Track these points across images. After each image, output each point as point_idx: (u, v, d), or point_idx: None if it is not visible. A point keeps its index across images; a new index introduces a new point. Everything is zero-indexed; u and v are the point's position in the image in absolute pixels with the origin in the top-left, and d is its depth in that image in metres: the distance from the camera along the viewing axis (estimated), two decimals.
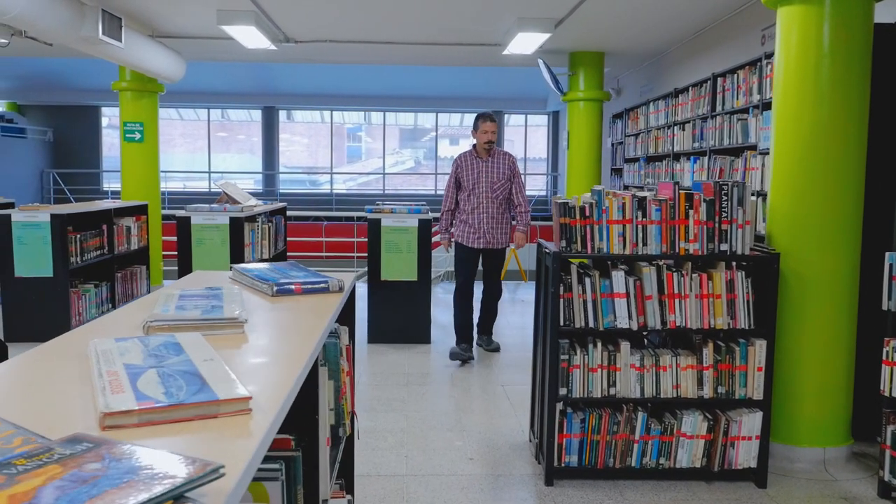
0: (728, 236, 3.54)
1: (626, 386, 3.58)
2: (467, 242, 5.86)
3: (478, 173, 5.80)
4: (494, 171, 5.81)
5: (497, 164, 5.83)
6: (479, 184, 5.79)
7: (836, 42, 3.73)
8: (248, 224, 6.52)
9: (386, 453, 4.03)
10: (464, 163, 5.86)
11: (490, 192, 5.79)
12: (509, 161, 5.90)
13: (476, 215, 5.82)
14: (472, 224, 5.84)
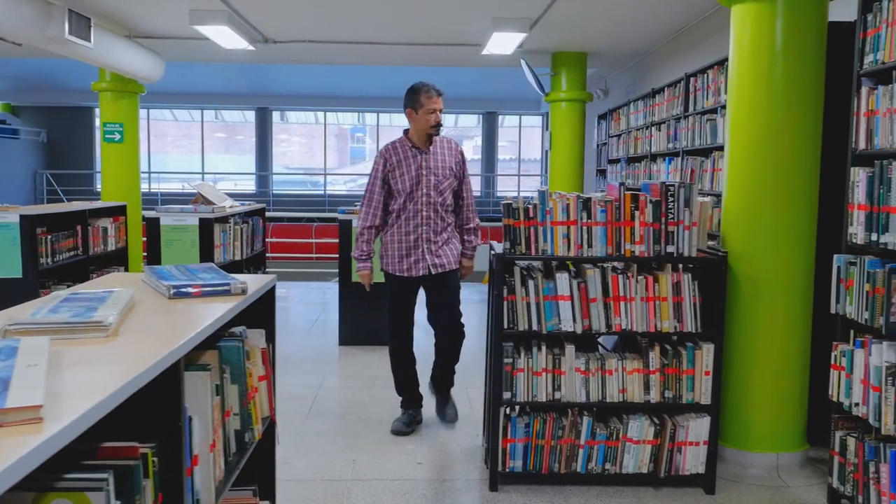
0: (675, 238, 3.48)
1: (571, 390, 3.52)
2: (402, 271, 4.16)
3: (416, 171, 4.10)
4: (439, 166, 4.13)
5: (442, 156, 4.17)
6: (419, 185, 4.10)
7: (790, 40, 3.67)
8: (219, 225, 6.48)
9: (334, 457, 3.98)
10: (395, 157, 4.13)
11: (434, 197, 4.12)
12: (456, 152, 4.25)
13: (414, 230, 4.12)
14: (407, 244, 4.13)
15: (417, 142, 4.17)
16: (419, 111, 4.10)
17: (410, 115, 4.16)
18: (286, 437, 4.24)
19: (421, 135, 4.15)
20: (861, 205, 3.21)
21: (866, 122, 3.21)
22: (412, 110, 4.14)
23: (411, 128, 4.19)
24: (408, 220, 4.14)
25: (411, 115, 4.16)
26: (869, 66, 3.21)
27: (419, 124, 4.12)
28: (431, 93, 4.10)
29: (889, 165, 3.00)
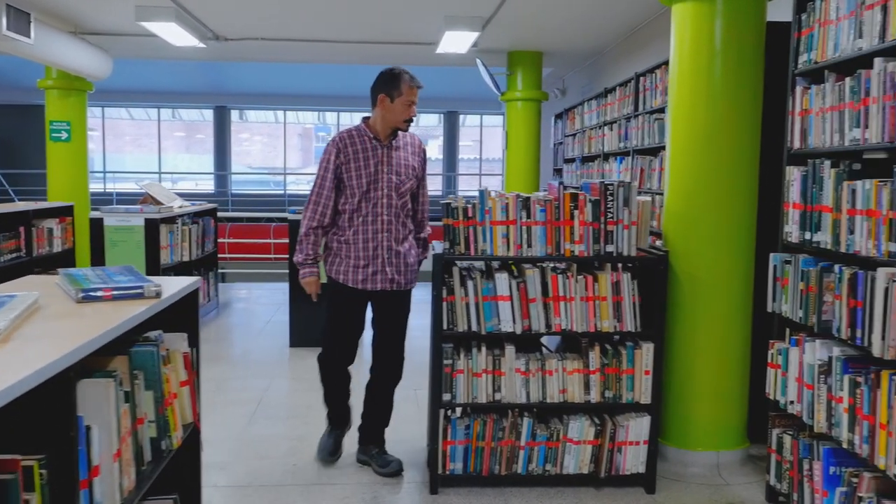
0: (614, 237, 3.46)
1: (511, 391, 3.50)
2: (357, 283, 3.61)
3: (375, 167, 3.56)
4: (402, 164, 3.63)
5: (405, 153, 3.67)
6: (378, 184, 3.57)
7: (729, 40, 3.68)
8: (165, 226, 6.37)
9: (274, 462, 3.91)
10: (351, 147, 3.57)
11: (395, 199, 3.60)
12: (420, 150, 3.78)
13: (374, 237, 3.58)
14: (365, 252, 3.59)
15: (381, 133, 3.60)
16: (396, 100, 3.54)
17: (383, 101, 3.55)
18: (228, 442, 4.16)
19: (388, 127, 3.59)
20: (796, 203, 3.23)
21: (801, 122, 3.22)
22: (387, 97, 3.54)
23: (378, 117, 3.59)
24: (365, 224, 3.57)
25: (383, 103, 3.55)
26: (803, 65, 3.22)
27: (392, 115, 3.56)
28: (415, 82, 3.58)
29: (821, 165, 3.01)
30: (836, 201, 2.90)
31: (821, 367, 2.97)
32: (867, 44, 2.74)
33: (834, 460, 2.95)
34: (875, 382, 2.64)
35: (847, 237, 2.82)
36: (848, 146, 2.84)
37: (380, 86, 3.59)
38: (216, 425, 4.42)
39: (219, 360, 5.99)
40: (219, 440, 4.18)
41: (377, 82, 3.61)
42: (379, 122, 3.61)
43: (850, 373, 2.79)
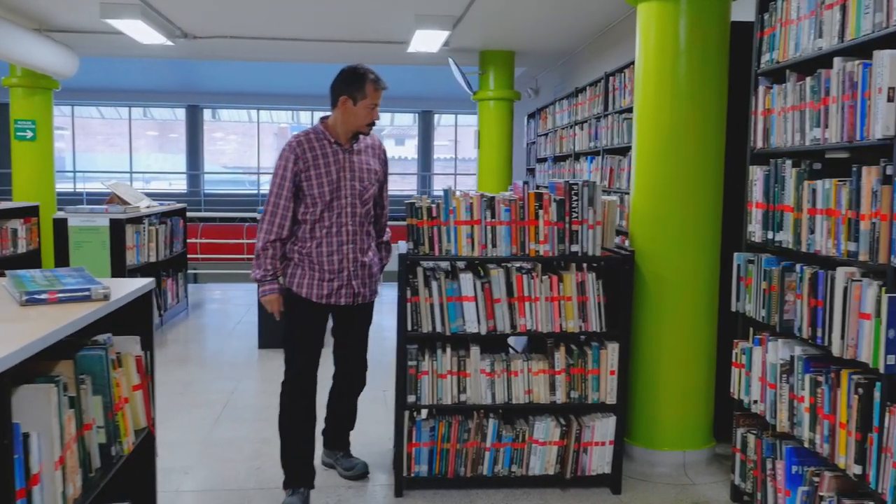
0: (579, 237, 3.45)
1: (476, 392, 3.47)
2: (321, 297, 3.36)
3: (338, 173, 3.30)
4: (364, 169, 3.37)
5: (366, 157, 3.41)
6: (342, 192, 3.30)
7: (693, 39, 3.67)
8: (131, 226, 6.28)
9: (238, 465, 3.85)
10: (311, 153, 3.29)
11: (359, 207, 3.35)
12: (380, 150, 3.52)
13: (338, 249, 3.33)
14: (330, 266, 3.33)
15: (341, 137, 3.33)
16: (359, 102, 3.26)
17: (345, 104, 3.27)
18: (191, 446, 4.10)
19: (349, 130, 3.32)
20: (759, 203, 3.23)
21: (763, 121, 3.23)
22: (349, 99, 3.26)
23: (338, 119, 3.31)
24: (329, 235, 3.31)
25: (345, 105, 3.27)
26: (765, 65, 3.23)
27: (354, 118, 3.29)
28: (380, 84, 3.32)
29: (783, 164, 3.01)
30: (797, 201, 2.90)
31: (783, 366, 2.97)
32: (827, 43, 2.74)
33: (796, 459, 2.95)
34: (835, 382, 2.64)
35: (808, 237, 2.82)
36: (809, 146, 2.84)
37: (341, 86, 3.30)
38: (181, 428, 4.36)
39: (186, 362, 5.92)
40: (182, 443, 4.12)
41: (339, 82, 3.32)
42: (339, 124, 3.33)
43: (811, 372, 2.80)
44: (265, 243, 3.32)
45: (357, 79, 3.30)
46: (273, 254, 3.33)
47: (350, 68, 3.36)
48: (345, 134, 3.34)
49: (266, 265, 3.34)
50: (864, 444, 2.48)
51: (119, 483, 2.43)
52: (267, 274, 3.35)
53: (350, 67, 3.36)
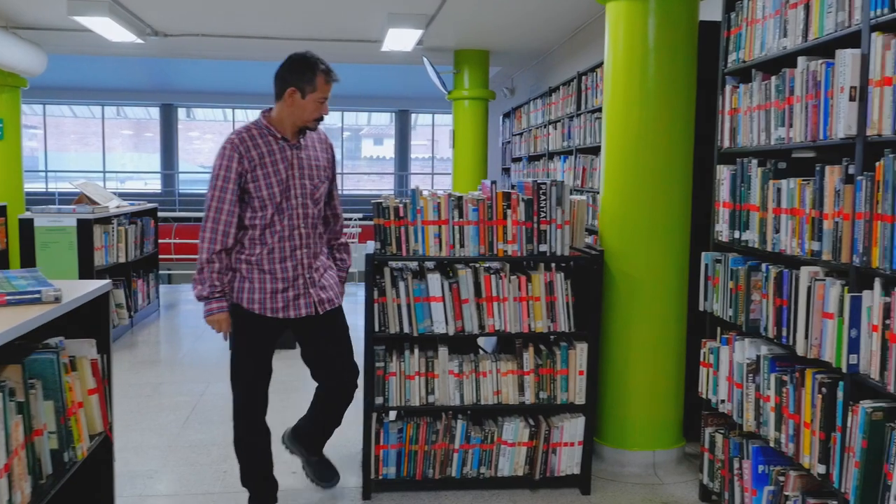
0: (547, 237, 3.43)
1: (444, 393, 3.44)
2: (276, 311, 3.08)
3: (286, 172, 3.02)
4: (313, 166, 3.11)
5: (314, 152, 3.15)
6: (291, 192, 3.03)
7: (661, 38, 3.67)
8: (100, 226, 6.19)
9: (204, 469, 3.80)
10: (255, 150, 2.98)
11: (311, 208, 3.09)
12: (328, 145, 3.27)
13: (291, 255, 3.06)
14: (283, 274, 3.06)
15: (287, 132, 3.03)
16: (307, 95, 2.97)
17: (292, 96, 2.97)
18: (158, 450, 4.04)
19: (294, 125, 3.03)
20: (726, 202, 3.23)
21: (730, 121, 3.23)
22: (296, 91, 2.96)
23: (284, 112, 3.01)
24: (281, 240, 3.02)
25: (292, 97, 2.97)
26: (732, 64, 3.23)
27: (300, 112, 3.00)
28: (331, 76, 3.02)
29: (749, 164, 3.01)
30: (762, 200, 2.90)
31: (749, 365, 2.97)
32: (791, 43, 2.74)
33: (762, 459, 2.95)
34: (799, 381, 2.64)
35: (773, 236, 2.82)
36: (774, 145, 2.84)
37: (289, 76, 2.99)
38: (147, 431, 4.30)
39: (156, 364, 5.84)
40: (149, 447, 4.06)
41: (286, 71, 3.01)
42: (285, 118, 3.02)
43: (776, 371, 2.80)
44: (210, 255, 2.95)
45: (307, 69, 2.98)
46: (219, 267, 2.98)
47: (299, 56, 3.02)
48: (291, 128, 3.03)
49: (213, 279, 2.97)
50: (828, 444, 2.48)
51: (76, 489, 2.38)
52: (214, 290, 2.97)
53: (299, 55, 3.02)
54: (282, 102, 3.02)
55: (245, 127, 3.05)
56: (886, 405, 2.24)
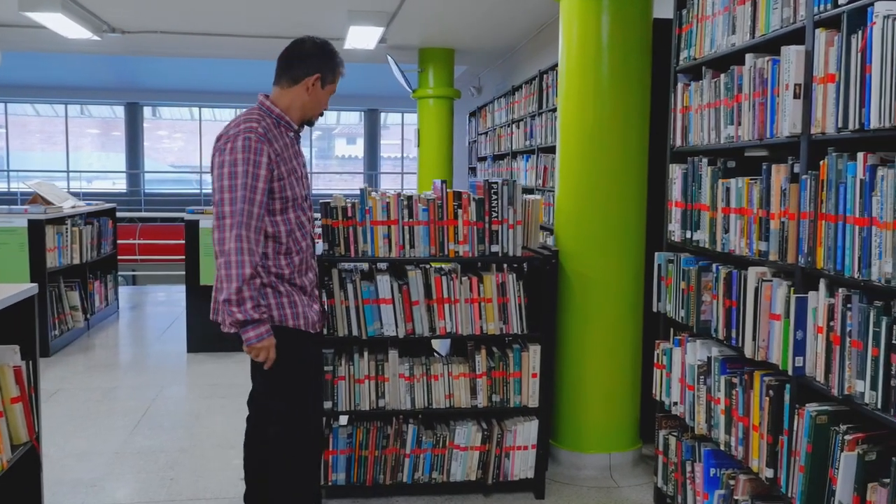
0: (499, 237, 3.37)
1: (395, 397, 3.37)
2: (313, 325, 2.74)
3: (301, 167, 2.71)
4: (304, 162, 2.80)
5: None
6: (307, 190, 2.75)
7: (615, 36, 3.62)
8: (52, 227, 6.03)
9: (150, 476, 3.69)
10: (278, 143, 2.59)
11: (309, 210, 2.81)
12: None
13: (312, 257, 2.80)
14: (308, 284, 2.75)
15: (295, 123, 2.69)
16: (327, 86, 2.69)
17: (315, 83, 2.64)
18: (103, 457, 3.93)
19: (304, 118, 2.71)
20: (678, 202, 3.19)
21: (682, 119, 3.18)
22: (320, 79, 2.65)
23: (296, 100, 2.65)
24: (307, 245, 2.73)
25: (314, 86, 2.65)
26: (684, 62, 3.18)
27: (315, 103, 2.70)
28: (344, 71, 2.78)
29: (700, 162, 2.97)
30: (712, 199, 2.86)
31: (700, 367, 2.93)
32: (739, 40, 2.70)
33: (714, 462, 2.91)
34: (748, 383, 2.60)
35: (722, 236, 2.78)
36: (723, 144, 2.80)
37: (315, 60, 2.65)
38: (94, 438, 4.18)
39: (109, 367, 5.71)
40: (94, 454, 3.95)
41: (311, 54, 2.66)
42: (296, 107, 2.66)
43: (726, 374, 2.75)
44: (252, 268, 2.45)
45: (333, 57, 2.69)
46: (259, 282, 2.53)
47: (323, 42, 2.70)
48: (299, 121, 2.70)
49: (258, 298, 2.50)
50: (776, 448, 2.43)
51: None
52: (261, 309, 2.52)
53: (323, 41, 2.70)
54: (297, 88, 2.65)
55: (256, 114, 2.60)
56: (831, 409, 2.20)
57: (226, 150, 2.49)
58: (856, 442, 2.07)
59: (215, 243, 2.48)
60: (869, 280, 1.98)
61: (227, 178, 2.47)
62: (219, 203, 2.47)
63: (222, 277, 2.45)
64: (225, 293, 2.44)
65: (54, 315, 6.08)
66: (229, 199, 2.46)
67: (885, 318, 1.93)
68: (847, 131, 2.06)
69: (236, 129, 2.52)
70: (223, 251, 2.45)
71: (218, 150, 2.53)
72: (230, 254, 2.44)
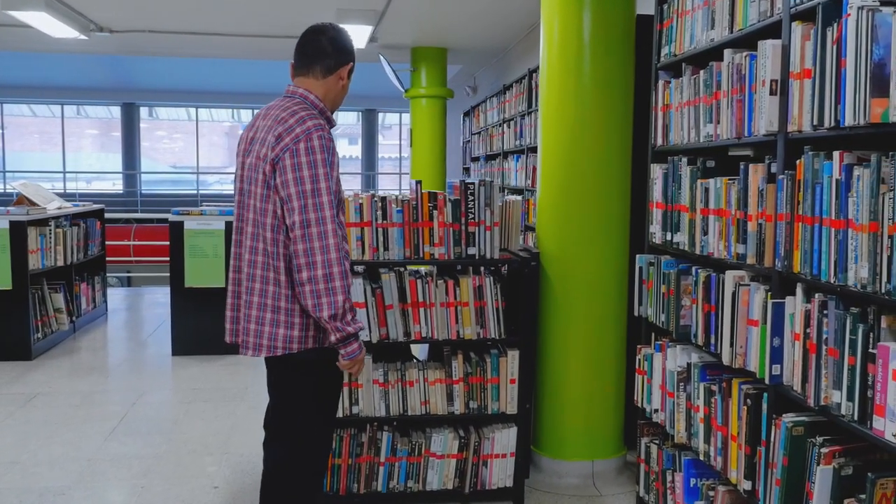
0: (476, 239, 3.28)
1: (369, 404, 3.28)
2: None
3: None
4: None
5: None
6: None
7: (597, 32, 3.52)
8: (35, 228, 5.96)
9: (122, 484, 3.61)
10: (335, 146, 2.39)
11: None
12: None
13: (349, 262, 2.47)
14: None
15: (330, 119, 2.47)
16: (348, 77, 2.48)
17: (344, 76, 2.45)
18: (76, 463, 3.84)
19: (334, 110, 2.51)
20: (658, 203, 3.09)
21: (662, 117, 3.09)
22: (348, 70, 2.46)
23: (331, 92, 2.44)
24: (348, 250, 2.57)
25: (343, 78, 2.45)
26: (665, 58, 3.09)
27: (343, 95, 2.51)
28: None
29: (679, 162, 2.87)
30: (691, 200, 2.76)
31: (680, 374, 2.83)
32: (718, 34, 2.61)
33: (694, 472, 2.82)
34: (727, 391, 2.51)
35: (702, 238, 2.69)
36: (703, 142, 2.70)
37: (348, 50, 2.46)
38: (68, 444, 4.09)
39: (92, 371, 5.62)
40: (66, 461, 3.86)
41: (345, 42, 2.46)
42: (329, 100, 2.45)
43: (706, 381, 2.66)
44: (350, 277, 2.28)
45: (353, 47, 2.52)
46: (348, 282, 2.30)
47: (343, 29, 2.51)
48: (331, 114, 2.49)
49: (355, 309, 2.32)
50: (754, 459, 2.34)
51: None
52: (359, 321, 2.34)
53: (343, 28, 2.52)
54: (332, 79, 2.43)
55: (308, 108, 2.35)
56: (808, 419, 2.10)
57: (299, 150, 2.24)
58: (832, 455, 1.97)
59: (300, 255, 2.21)
60: (845, 285, 1.89)
61: (308, 181, 2.23)
62: (301, 210, 2.21)
63: (320, 292, 2.19)
64: (331, 308, 2.19)
65: (37, 318, 5.99)
66: (315, 205, 2.22)
67: (861, 325, 1.84)
68: (823, 129, 1.97)
69: (302, 125, 2.27)
70: (315, 263, 2.20)
71: (288, 151, 2.24)
72: (330, 265, 2.21)
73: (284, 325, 2.31)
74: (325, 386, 2.40)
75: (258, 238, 2.35)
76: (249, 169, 2.39)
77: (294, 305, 2.30)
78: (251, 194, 2.38)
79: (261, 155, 2.33)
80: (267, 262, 2.33)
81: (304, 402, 2.41)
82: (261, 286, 2.34)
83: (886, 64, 1.70)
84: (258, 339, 2.35)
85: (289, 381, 2.42)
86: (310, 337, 2.33)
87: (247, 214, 2.40)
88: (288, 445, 2.44)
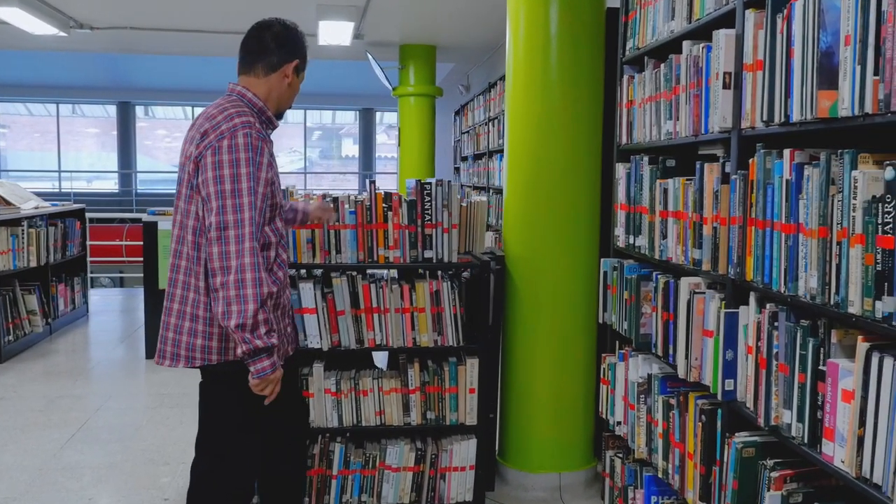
0: (433, 242, 3.12)
1: (320, 414, 3.13)
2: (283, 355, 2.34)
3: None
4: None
5: None
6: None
7: (564, 25, 3.36)
8: (6, 228, 5.83)
9: (70, 495, 3.46)
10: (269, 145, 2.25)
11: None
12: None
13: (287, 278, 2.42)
14: (286, 305, 2.40)
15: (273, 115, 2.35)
16: (300, 74, 2.39)
17: (294, 71, 2.34)
18: (27, 473, 3.70)
19: (279, 110, 2.37)
20: (622, 204, 2.94)
21: (627, 114, 2.93)
22: (299, 66, 2.35)
23: (274, 90, 2.31)
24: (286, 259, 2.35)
25: (293, 74, 2.34)
26: (629, 52, 2.94)
27: (291, 95, 2.38)
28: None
29: (641, 161, 2.72)
30: (651, 202, 2.61)
31: (640, 385, 2.68)
32: (678, 25, 2.45)
33: (655, 489, 2.67)
34: (684, 406, 2.35)
35: (661, 242, 2.53)
36: (663, 140, 2.55)
37: (292, 46, 2.33)
38: (23, 452, 3.95)
39: (61, 374, 5.48)
40: (18, 469, 3.72)
41: (289, 38, 2.33)
42: (273, 99, 2.32)
43: (665, 393, 2.50)
44: (269, 289, 2.10)
45: (303, 43, 2.38)
46: (271, 303, 2.16)
47: (292, 25, 2.38)
48: (275, 114, 2.36)
49: (272, 322, 2.13)
50: (709, 479, 2.18)
51: None
52: (274, 334, 2.14)
53: (292, 23, 2.38)
54: (275, 77, 2.30)
55: (241, 106, 2.22)
56: (760, 440, 1.95)
57: (222, 147, 2.09)
58: (783, 480, 1.81)
59: (214, 258, 2.05)
60: (795, 295, 1.73)
61: (228, 181, 2.07)
62: (219, 211, 2.06)
63: (231, 299, 2.03)
64: (239, 317, 2.02)
65: (8, 319, 5.86)
66: (235, 206, 2.06)
67: (811, 339, 1.68)
68: (775, 125, 1.81)
69: (229, 123, 2.13)
70: (230, 267, 2.04)
71: (210, 148, 2.10)
72: (243, 270, 2.04)
73: (202, 335, 2.16)
74: (251, 401, 2.24)
75: (182, 241, 2.22)
76: (179, 169, 2.25)
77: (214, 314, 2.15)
78: (179, 195, 2.25)
79: (187, 153, 2.20)
80: (188, 267, 2.19)
81: (227, 417, 2.27)
82: (181, 292, 2.20)
83: (834, 53, 1.54)
84: (175, 348, 2.20)
85: (210, 394, 2.29)
86: (230, 348, 2.18)
87: (175, 217, 2.27)
88: (208, 460, 2.30)
